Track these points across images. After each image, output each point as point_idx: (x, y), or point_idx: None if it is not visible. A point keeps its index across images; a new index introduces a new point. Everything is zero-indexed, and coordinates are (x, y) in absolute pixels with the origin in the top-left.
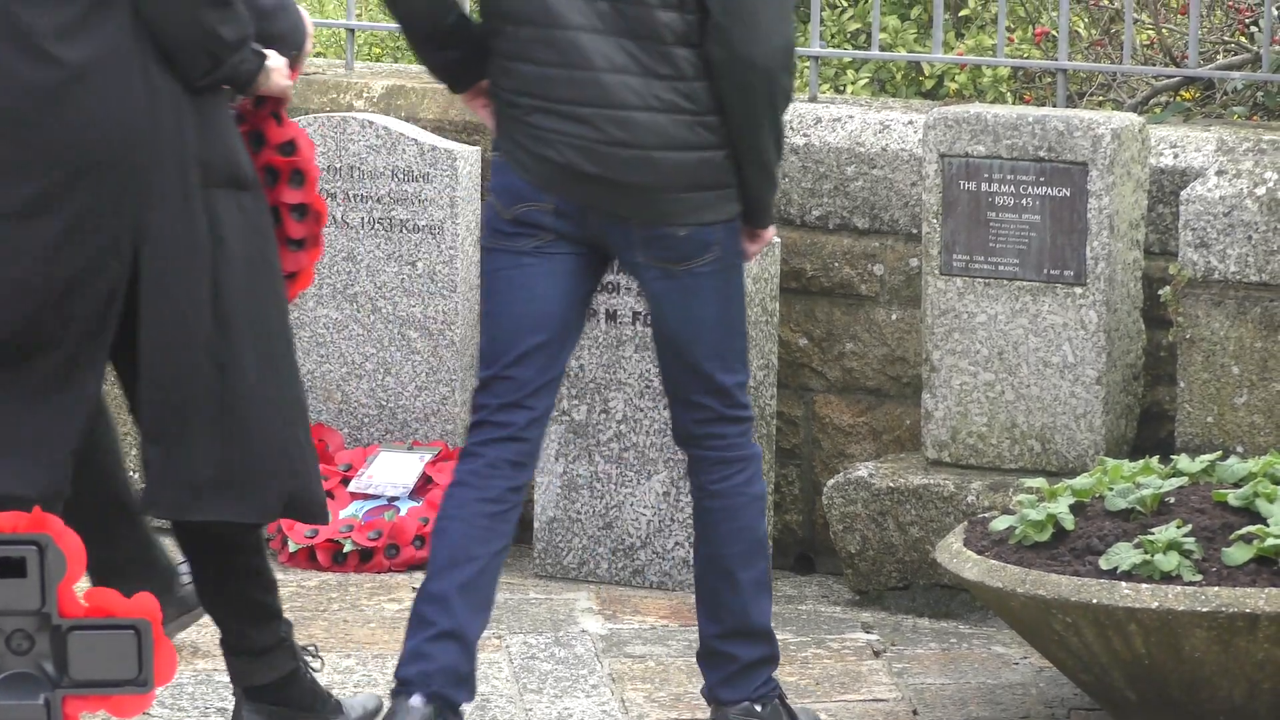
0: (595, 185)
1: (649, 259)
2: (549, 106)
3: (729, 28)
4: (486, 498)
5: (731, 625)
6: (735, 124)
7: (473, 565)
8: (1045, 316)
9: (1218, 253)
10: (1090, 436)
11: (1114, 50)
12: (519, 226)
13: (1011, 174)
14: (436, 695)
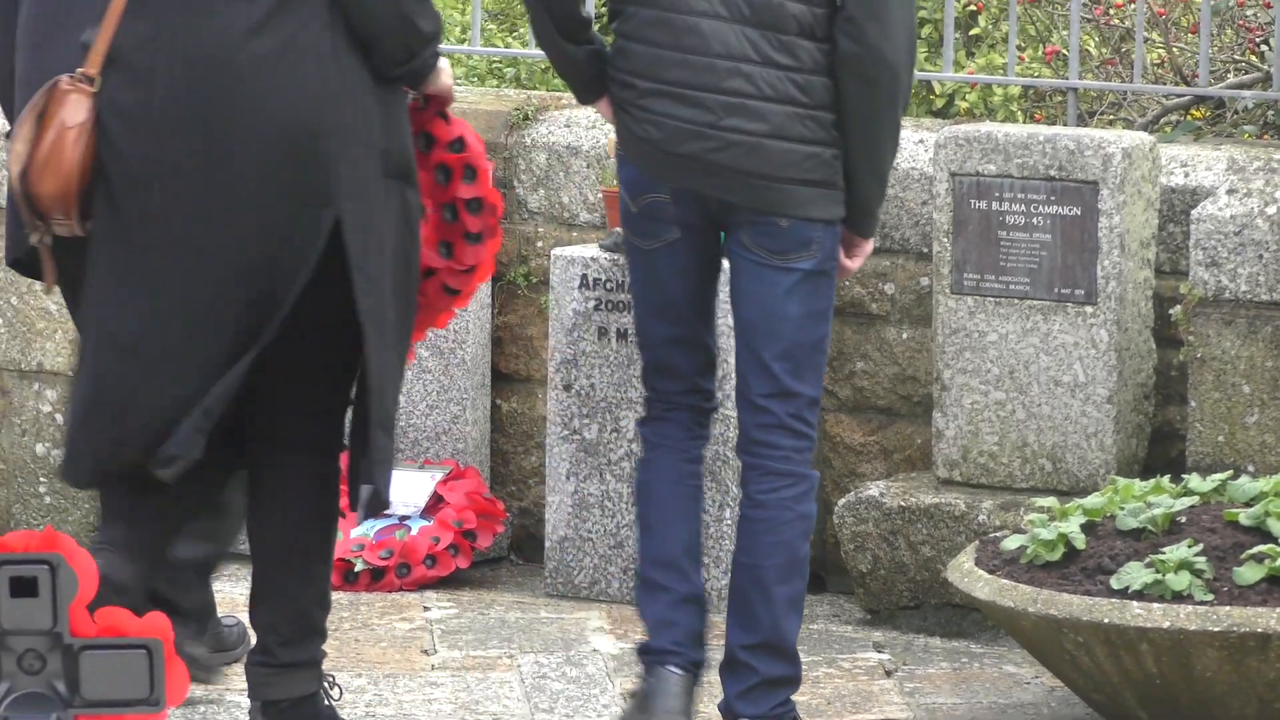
0: (702, 169)
1: (751, 243)
2: (661, 89)
3: (863, 22)
4: (688, 458)
5: (759, 638)
6: (855, 121)
7: (689, 524)
8: (1056, 335)
9: (1228, 272)
10: (1101, 456)
11: (1125, 69)
12: (647, 220)
13: (1022, 193)
14: (690, 662)
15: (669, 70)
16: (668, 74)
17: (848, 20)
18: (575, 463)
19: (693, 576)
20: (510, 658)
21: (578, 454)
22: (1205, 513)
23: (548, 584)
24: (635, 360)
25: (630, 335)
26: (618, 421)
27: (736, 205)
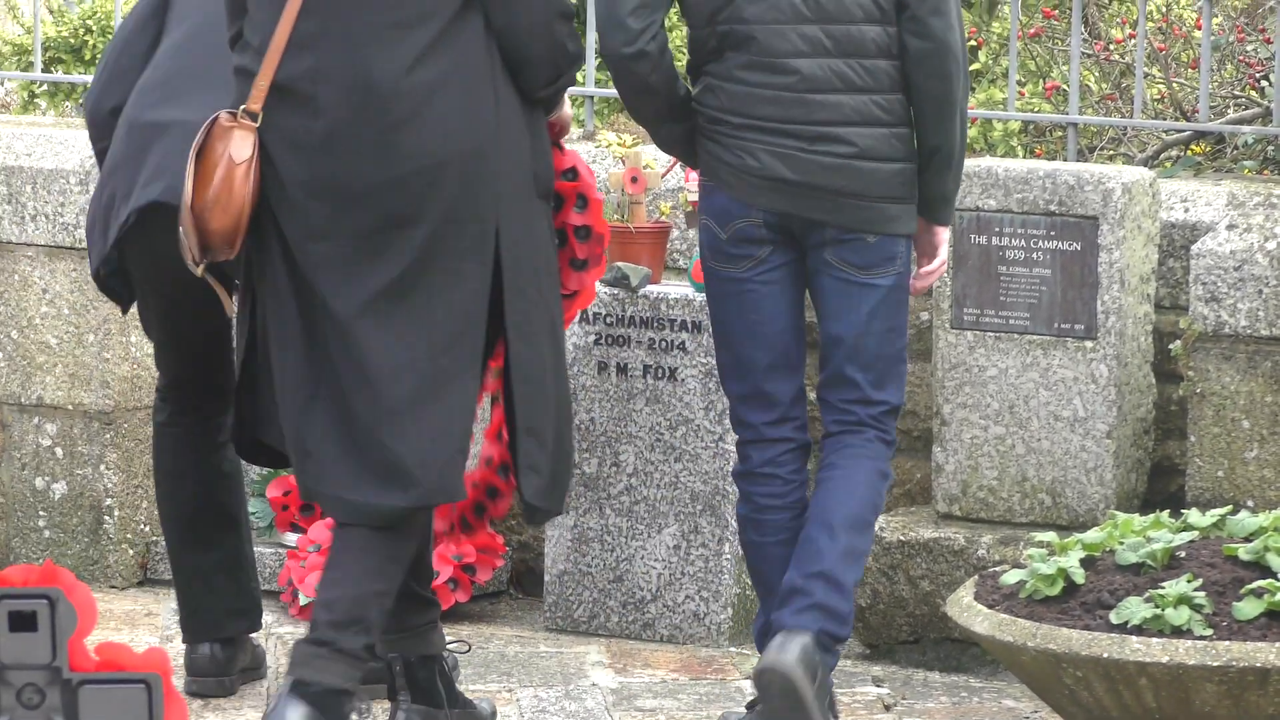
0: (796, 192)
1: (836, 260)
2: (753, 123)
3: (927, 18)
4: (794, 512)
5: (818, 569)
6: (932, 114)
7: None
8: (1056, 370)
9: (1228, 307)
10: (1101, 490)
11: (1125, 104)
12: (737, 246)
13: (1022, 228)
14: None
15: (760, 107)
16: (759, 110)
17: (912, 19)
18: (575, 496)
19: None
20: (509, 691)
21: (577, 488)
22: (1205, 548)
23: (547, 618)
24: (635, 394)
25: (630, 369)
26: (617, 456)
27: (827, 224)
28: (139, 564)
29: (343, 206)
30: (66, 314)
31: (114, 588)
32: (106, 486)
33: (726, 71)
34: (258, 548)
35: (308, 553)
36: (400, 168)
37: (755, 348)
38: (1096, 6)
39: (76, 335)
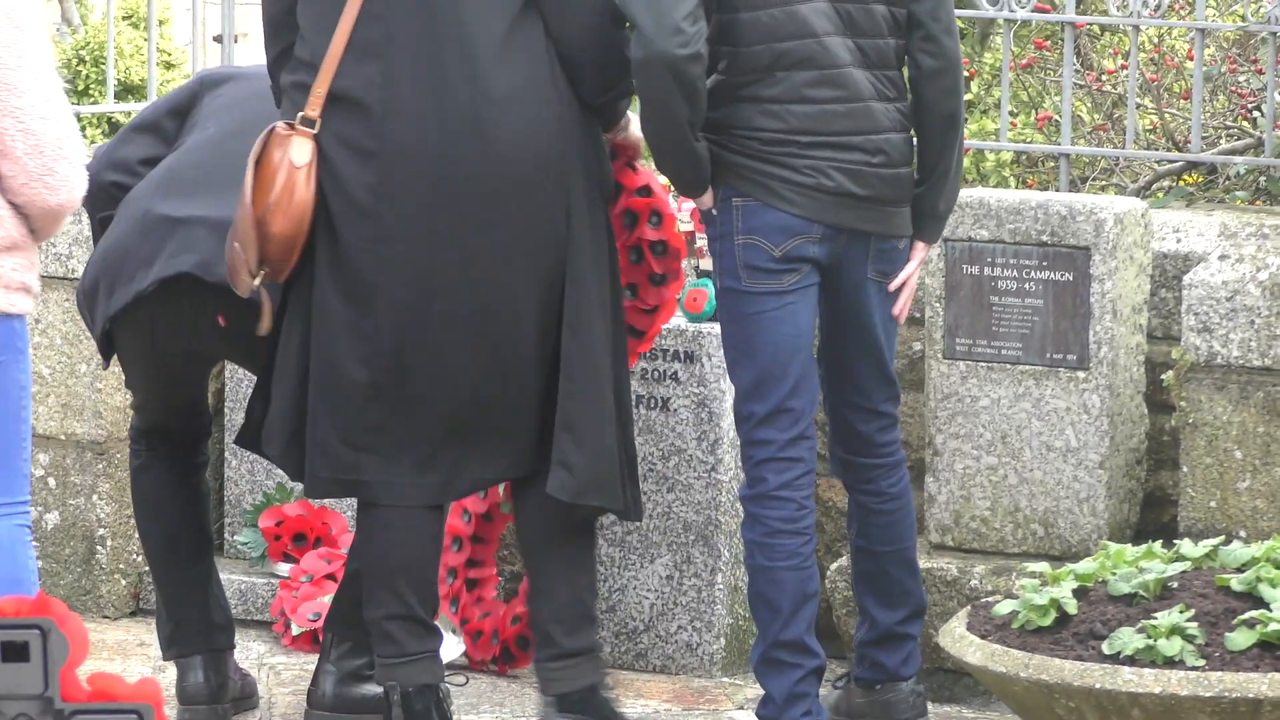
0: (860, 206)
1: (875, 272)
2: (827, 140)
3: (941, 36)
4: (806, 536)
5: (912, 608)
6: (939, 132)
7: (813, 603)
8: (1048, 400)
9: (1220, 337)
10: (1093, 521)
11: (1117, 135)
12: (787, 263)
13: (1014, 258)
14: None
15: (836, 122)
16: (835, 125)
17: (927, 38)
18: None
19: (817, 649)
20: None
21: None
22: (1197, 578)
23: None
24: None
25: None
26: None
27: (873, 234)
28: (131, 594)
29: (420, 209)
30: (59, 344)
31: (106, 618)
32: (99, 517)
33: (791, 92)
34: (251, 578)
35: (300, 583)
36: (480, 168)
37: (788, 362)
38: (1088, 37)
39: (69, 365)
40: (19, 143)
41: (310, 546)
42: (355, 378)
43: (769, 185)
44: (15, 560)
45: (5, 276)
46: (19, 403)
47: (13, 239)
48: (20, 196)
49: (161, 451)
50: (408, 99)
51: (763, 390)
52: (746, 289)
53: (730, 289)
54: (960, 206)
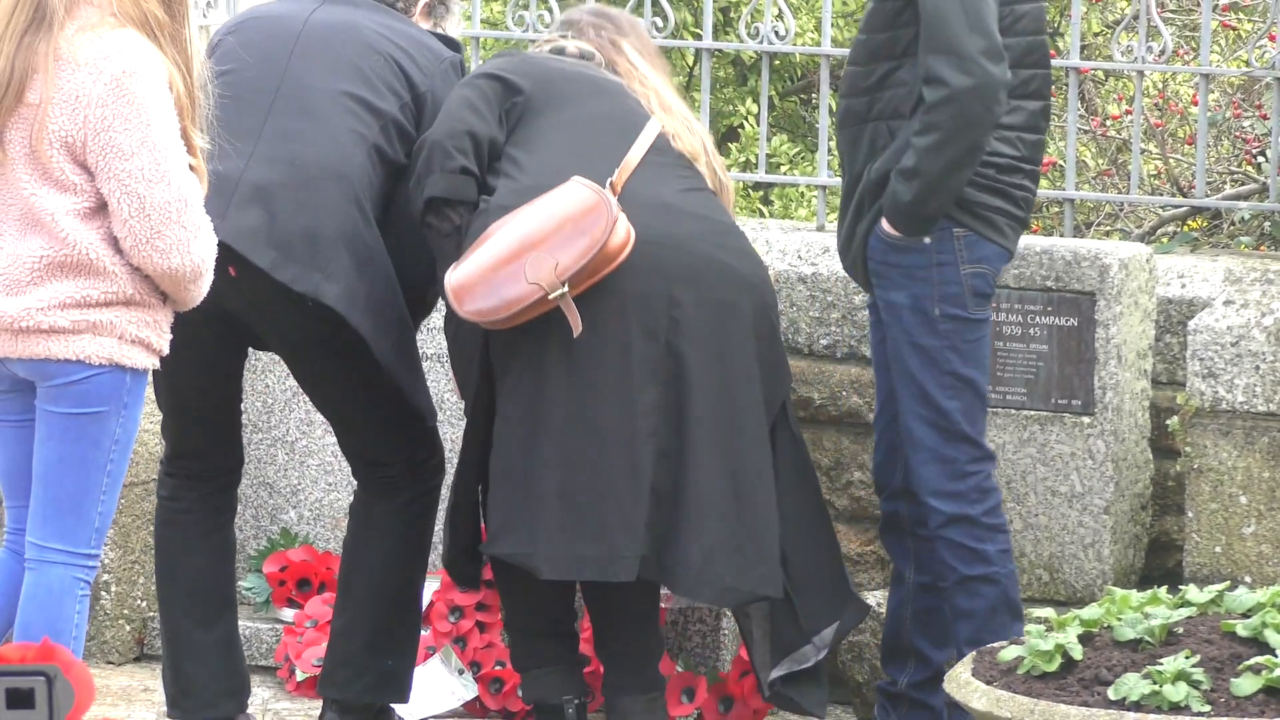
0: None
1: None
2: (1034, 170)
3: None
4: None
5: (955, 647)
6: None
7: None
8: (1053, 446)
9: (1225, 382)
10: (1098, 566)
11: (1121, 180)
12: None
13: (1019, 303)
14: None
15: (1041, 151)
16: (1040, 155)
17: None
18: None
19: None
20: None
21: None
22: (1202, 624)
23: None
24: None
25: None
26: None
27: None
28: (136, 640)
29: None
30: None
31: (110, 663)
32: (103, 562)
33: (1029, 121)
34: (255, 623)
35: (305, 628)
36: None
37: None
38: (1093, 83)
39: None
40: (124, 206)
41: (315, 592)
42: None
43: (989, 217)
44: (61, 611)
45: (122, 328)
46: (107, 455)
47: (128, 295)
48: (134, 259)
49: (187, 488)
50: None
51: (976, 415)
52: (970, 316)
53: (957, 318)
54: None
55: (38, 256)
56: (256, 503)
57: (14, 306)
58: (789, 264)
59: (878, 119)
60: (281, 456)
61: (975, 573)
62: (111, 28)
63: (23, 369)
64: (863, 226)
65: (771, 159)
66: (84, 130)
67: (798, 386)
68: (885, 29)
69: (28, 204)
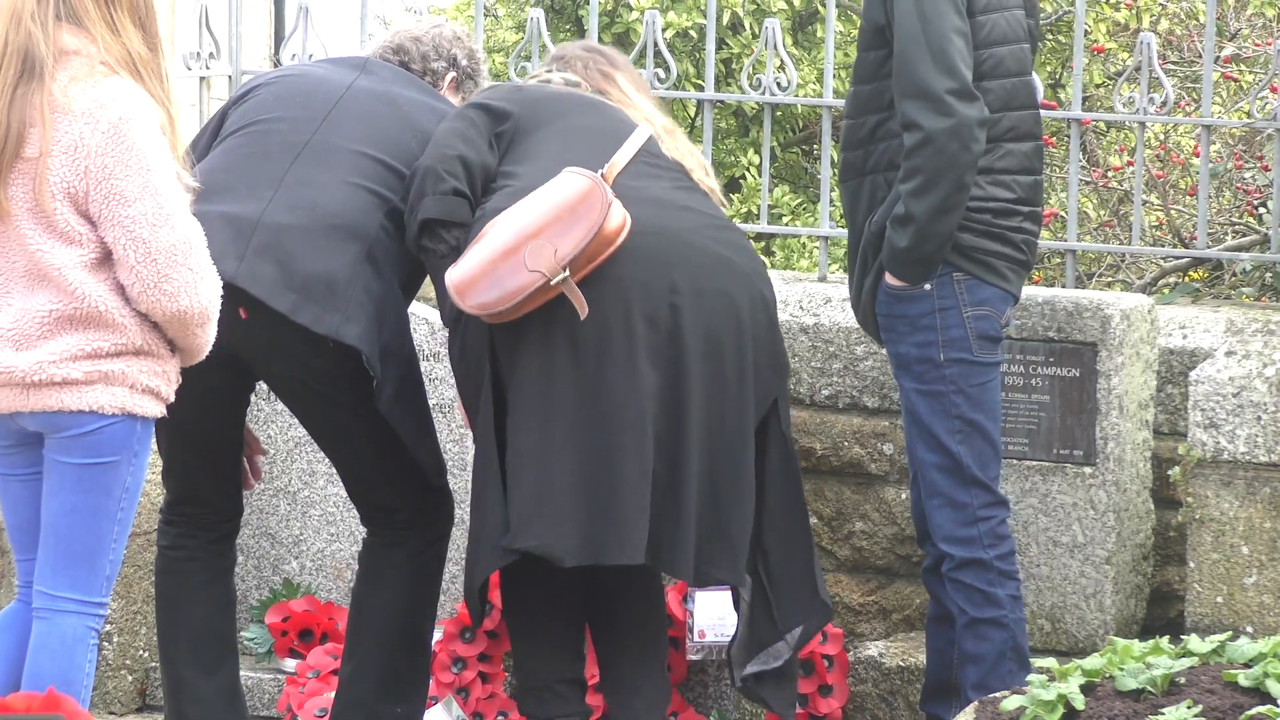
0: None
1: None
2: (1034, 211)
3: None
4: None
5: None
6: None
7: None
8: (1055, 496)
9: (1227, 433)
10: (1100, 616)
11: (1123, 231)
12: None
13: (1021, 354)
14: None
15: (1039, 193)
16: (1039, 197)
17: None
18: None
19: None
20: None
21: None
22: (1204, 673)
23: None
24: None
25: None
26: None
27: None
28: (138, 690)
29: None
30: None
31: (113, 714)
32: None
33: (1022, 163)
34: (257, 673)
35: (307, 678)
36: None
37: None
38: (1094, 134)
39: None
40: (130, 252)
41: (317, 642)
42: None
43: (988, 261)
44: (72, 660)
45: (133, 378)
46: (118, 503)
47: (137, 346)
48: (141, 305)
49: (189, 535)
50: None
51: (989, 462)
52: (978, 360)
53: (967, 362)
54: None
55: (47, 311)
56: (259, 553)
57: (26, 361)
58: (791, 315)
59: (874, 171)
60: (284, 507)
61: (985, 616)
62: (104, 75)
63: (34, 422)
64: (869, 281)
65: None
66: (85, 180)
67: (799, 436)
68: (871, 80)
69: (34, 259)
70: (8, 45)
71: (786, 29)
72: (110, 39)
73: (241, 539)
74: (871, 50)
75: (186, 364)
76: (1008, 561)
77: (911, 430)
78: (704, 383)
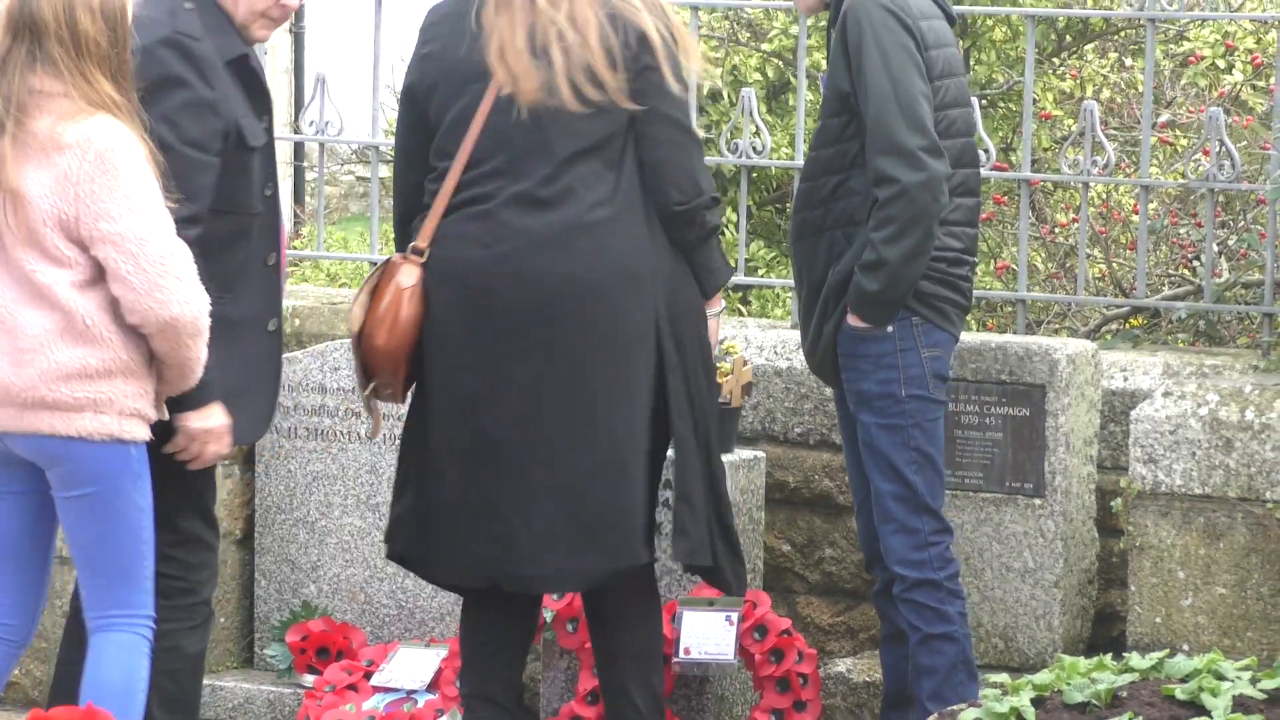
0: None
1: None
2: (973, 261)
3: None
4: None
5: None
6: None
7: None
8: (1007, 525)
9: (1164, 467)
10: (1049, 635)
11: (1069, 282)
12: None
13: (976, 394)
14: None
15: (975, 243)
16: (975, 246)
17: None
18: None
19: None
20: None
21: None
22: (1144, 688)
23: None
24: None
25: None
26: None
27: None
28: None
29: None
30: None
31: None
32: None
33: (967, 216)
34: (279, 688)
35: (324, 692)
36: (565, 300)
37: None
38: (1043, 193)
39: None
40: (121, 264)
41: (333, 659)
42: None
43: (941, 307)
44: (134, 666)
45: (119, 403)
46: (138, 523)
47: (124, 362)
48: (135, 315)
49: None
50: (504, 243)
51: (937, 494)
52: (933, 397)
53: (922, 399)
54: None
55: (43, 328)
56: (280, 577)
57: (21, 377)
58: (766, 359)
59: (833, 228)
60: (302, 535)
61: (937, 631)
62: (88, 114)
63: (25, 447)
64: (829, 326)
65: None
66: (75, 206)
67: (774, 471)
68: (834, 143)
69: (30, 280)
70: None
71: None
72: (85, 87)
73: (263, 565)
74: (835, 116)
75: (175, 390)
76: (954, 581)
77: (869, 462)
78: (533, 383)
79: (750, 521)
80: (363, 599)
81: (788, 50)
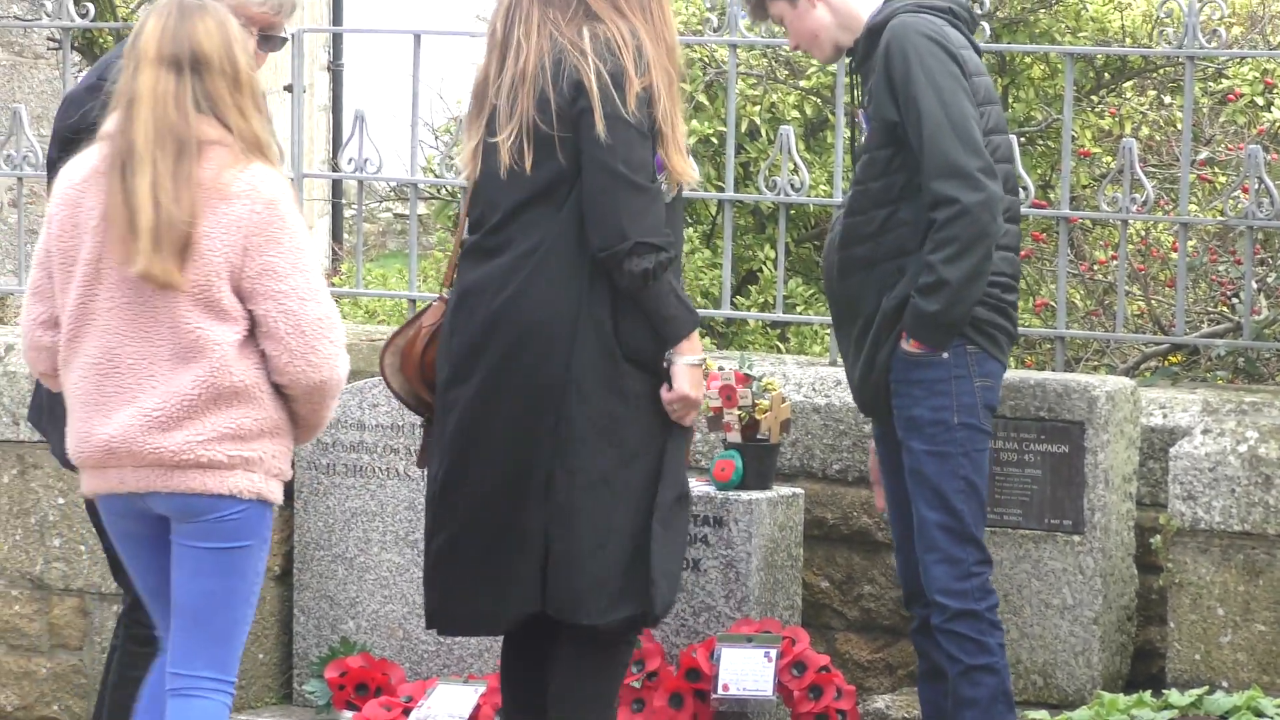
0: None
1: None
2: (1018, 286)
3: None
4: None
5: None
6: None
7: None
8: (1046, 562)
9: (1204, 504)
10: (1088, 672)
11: (1108, 319)
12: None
13: (1015, 432)
14: None
15: (1020, 268)
16: (1020, 271)
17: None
18: None
19: None
20: None
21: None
22: None
23: None
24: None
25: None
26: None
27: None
28: None
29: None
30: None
31: None
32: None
33: (1014, 242)
34: None
35: None
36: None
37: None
38: (1081, 231)
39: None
40: (280, 324)
41: (372, 695)
42: None
43: (993, 334)
44: None
45: (268, 463)
46: (252, 587)
47: (275, 422)
48: (284, 376)
49: (143, 643)
50: (475, 296)
51: (980, 522)
52: (982, 426)
53: (973, 427)
54: None
55: (194, 392)
56: (318, 614)
57: (173, 441)
58: (804, 396)
59: (884, 260)
60: (341, 572)
61: (978, 663)
62: (248, 162)
63: (167, 504)
64: (883, 354)
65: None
66: (243, 257)
67: (812, 507)
68: (880, 176)
69: (191, 336)
70: (159, 126)
71: (799, 135)
72: (242, 124)
73: (302, 601)
74: (881, 149)
75: (300, 443)
76: (994, 614)
77: (915, 490)
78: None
79: (789, 558)
80: (401, 635)
81: (826, 88)
